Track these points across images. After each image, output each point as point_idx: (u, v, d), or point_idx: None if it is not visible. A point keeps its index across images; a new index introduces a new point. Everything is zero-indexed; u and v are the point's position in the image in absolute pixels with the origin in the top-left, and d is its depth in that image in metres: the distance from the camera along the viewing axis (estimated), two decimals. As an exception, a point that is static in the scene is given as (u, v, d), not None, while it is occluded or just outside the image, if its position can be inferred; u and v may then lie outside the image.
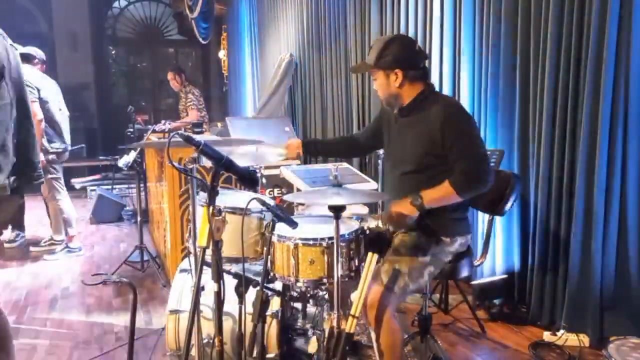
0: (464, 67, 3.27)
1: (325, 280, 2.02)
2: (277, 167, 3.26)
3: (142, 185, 4.48)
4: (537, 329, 2.80)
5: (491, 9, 2.99)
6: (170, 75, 5.92)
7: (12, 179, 2.06)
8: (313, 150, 2.49)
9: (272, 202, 2.06)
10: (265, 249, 2.06)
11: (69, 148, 4.48)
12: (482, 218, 3.18)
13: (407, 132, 2.13)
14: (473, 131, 2.04)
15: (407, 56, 2.08)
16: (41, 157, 4.17)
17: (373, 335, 2.00)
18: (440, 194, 1.99)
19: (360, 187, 2.70)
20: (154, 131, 5.03)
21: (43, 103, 4.12)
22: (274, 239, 2.06)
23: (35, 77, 4.10)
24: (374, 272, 1.96)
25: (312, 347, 2.31)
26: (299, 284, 2.06)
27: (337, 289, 1.90)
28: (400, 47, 2.08)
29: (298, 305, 2.43)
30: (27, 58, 4.09)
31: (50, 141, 4.25)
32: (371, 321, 1.96)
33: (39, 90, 4.09)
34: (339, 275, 1.90)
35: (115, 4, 9.65)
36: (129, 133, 4.61)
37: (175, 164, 1.67)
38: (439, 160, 2.02)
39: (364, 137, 2.48)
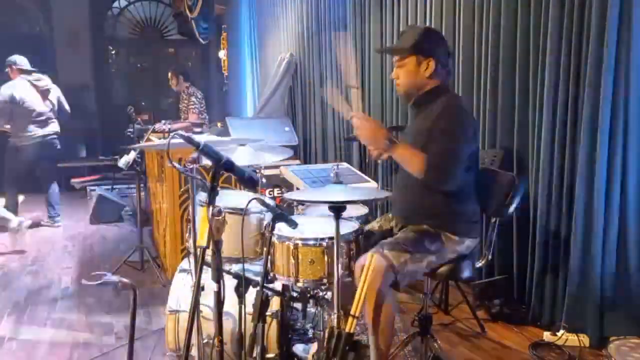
0: (464, 68, 3.27)
1: (325, 280, 2.02)
2: (277, 167, 3.26)
3: (142, 185, 4.47)
4: (537, 329, 2.80)
5: (490, 9, 2.99)
6: (169, 75, 5.95)
7: None
8: None
9: (272, 202, 2.06)
10: (265, 249, 2.06)
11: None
12: (483, 219, 3.17)
13: (414, 125, 2.15)
14: (455, 133, 2.01)
15: (442, 49, 2.13)
16: None
17: (367, 311, 1.94)
18: (411, 156, 1.99)
19: (361, 187, 2.70)
20: (153, 131, 5.02)
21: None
22: (274, 239, 2.06)
23: None
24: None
25: (312, 347, 2.31)
26: (299, 284, 2.06)
27: (337, 289, 1.90)
28: (439, 39, 2.16)
29: (298, 305, 2.43)
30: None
31: None
32: (363, 287, 1.89)
33: None
34: (339, 275, 1.90)
35: (115, 4, 9.63)
36: (129, 133, 4.61)
37: (176, 165, 1.67)
38: None
39: None
